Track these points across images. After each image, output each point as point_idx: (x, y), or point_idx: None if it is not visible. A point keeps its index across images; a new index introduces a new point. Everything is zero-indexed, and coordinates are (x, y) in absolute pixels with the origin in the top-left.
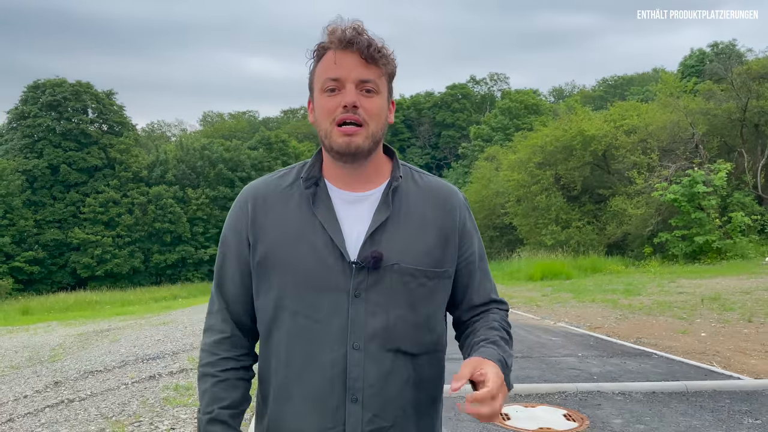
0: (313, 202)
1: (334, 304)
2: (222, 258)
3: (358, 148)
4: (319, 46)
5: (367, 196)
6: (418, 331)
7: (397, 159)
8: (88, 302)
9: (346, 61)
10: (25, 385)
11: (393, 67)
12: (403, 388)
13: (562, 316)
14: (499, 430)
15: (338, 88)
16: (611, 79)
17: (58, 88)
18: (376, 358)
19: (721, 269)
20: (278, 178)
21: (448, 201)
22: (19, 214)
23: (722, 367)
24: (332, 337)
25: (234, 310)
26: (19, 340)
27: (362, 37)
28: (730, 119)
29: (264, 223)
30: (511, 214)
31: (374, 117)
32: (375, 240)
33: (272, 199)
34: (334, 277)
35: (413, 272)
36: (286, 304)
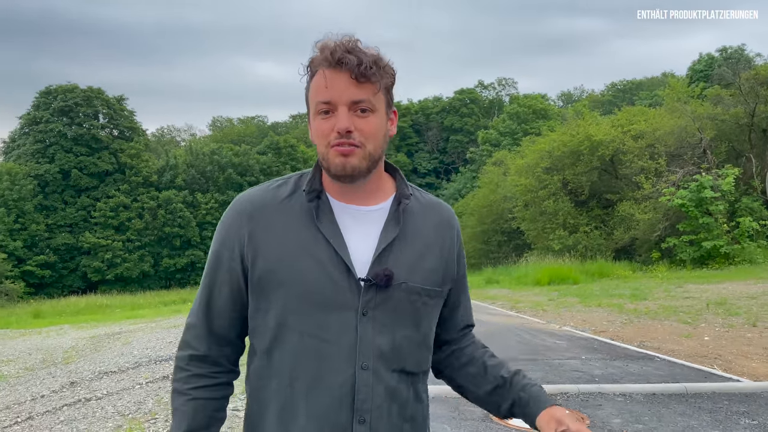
0: (316, 215)
1: (343, 323)
2: (212, 271)
3: (355, 170)
4: (310, 62)
5: (372, 210)
6: (420, 351)
7: (401, 176)
8: (98, 306)
9: (337, 83)
10: (41, 386)
11: (390, 78)
12: (405, 408)
13: (568, 320)
14: (501, 428)
15: (331, 110)
16: (620, 83)
17: (70, 93)
18: (383, 378)
19: (728, 274)
20: (275, 188)
21: (448, 221)
22: (30, 218)
23: (723, 370)
24: (341, 356)
25: (219, 326)
26: (32, 343)
27: (351, 56)
28: (738, 124)
29: (263, 237)
30: (519, 218)
31: (371, 137)
32: (383, 257)
33: (270, 211)
34: (341, 294)
35: (419, 291)
36: (290, 323)
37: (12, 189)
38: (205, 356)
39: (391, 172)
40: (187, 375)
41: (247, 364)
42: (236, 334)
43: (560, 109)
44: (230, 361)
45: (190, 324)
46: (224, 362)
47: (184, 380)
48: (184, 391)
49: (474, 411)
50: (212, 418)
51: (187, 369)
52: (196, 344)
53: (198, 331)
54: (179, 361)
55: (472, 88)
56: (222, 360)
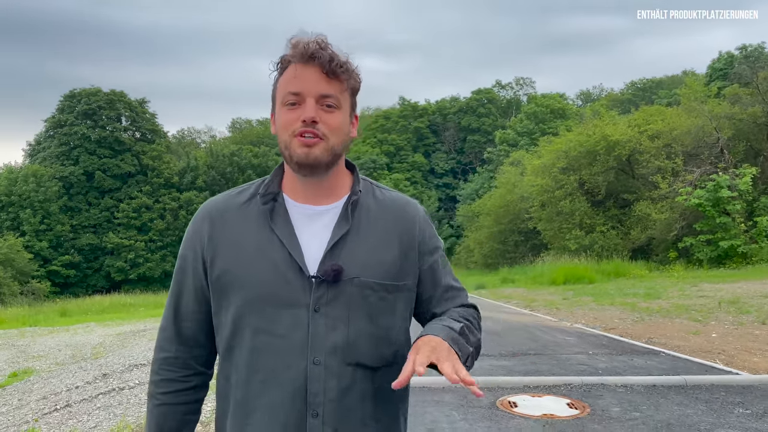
0: (271, 217)
1: (294, 320)
2: (179, 274)
3: (317, 160)
4: (282, 58)
5: (327, 210)
6: (378, 345)
7: (357, 173)
8: (122, 305)
9: (307, 76)
10: (75, 378)
11: (356, 81)
12: (363, 402)
13: (580, 318)
14: (505, 415)
15: (298, 102)
16: (639, 82)
17: (93, 97)
18: (336, 372)
19: (745, 274)
20: (236, 194)
21: (407, 214)
22: (56, 219)
23: (725, 364)
24: (293, 352)
25: (188, 328)
26: (61, 340)
27: (324, 52)
28: (756, 123)
29: (221, 240)
30: (536, 218)
31: (334, 131)
32: (335, 254)
33: (229, 216)
34: (293, 292)
35: (373, 286)
36: (246, 321)
37: (38, 191)
38: (175, 358)
39: (350, 170)
40: (158, 379)
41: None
42: (205, 335)
43: (578, 109)
44: (200, 363)
45: (161, 327)
46: (194, 364)
47: (156, 384)
48: (154, 394)
49: (481, 399)
50: (182, 421)
51: (158, 373)
52: (167, 346)
53: (167, 334)
54: (153, 364)
55: (489, 88)
56: (192, 362)
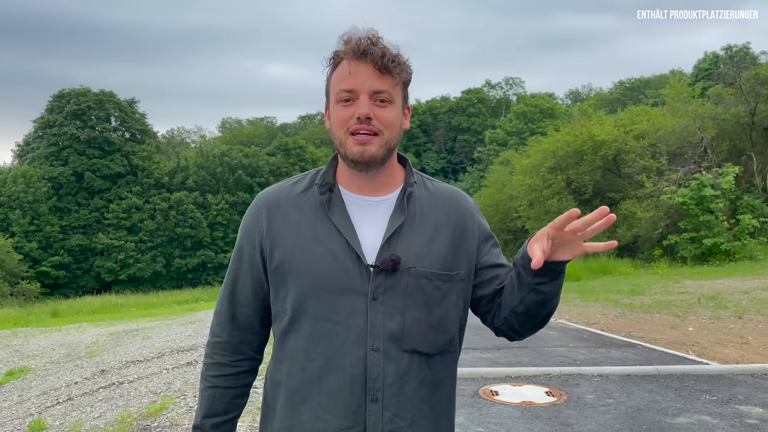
0: (328, 207)
1: (353, 307)
2: (236, 263)
3: (372, 157)
4: (334, 54)
5: (381, 201)
6: (433, 332)
7: (410, 166)
8: (113, 305)
9: (360, 72)
10: (72, 375)
11: (408, 74)
12: (419, 388)
13: (564, 313)
14: (487, 403)
15: (352, 98)
16: (628, 81)
17: (83, 97)
18: (394, 358)
19: (728, 271)
20: (292, 185)
21: (459, 206)
22: (45, 220)
23: (697, 355)
24: (352, 338)
25: (243, 313)
26: (54, 340)
27: (376, 48)
28: (739, 123)
29: (280, 229)
30: (524, 217)
31: (388, 126)
32: (392, 244)
33: (286, 206)
34: (352, 280)
35: (428, 275)
36: (305, 308)
37: (27, 191)
38: (226, 342)
39: (402, 163)
40: (210, 362)
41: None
42: (259, 321)
43: (567, 108)
44: (252, 348)
45: (216, 312)
46: (245, 349)
47: (208, 367)
48: (206, 377)
49: (464, 388)
50: (230, 405)
51: (210, 356)
52: (219, 331)
53: (222, 318)
54: (207, 347)
55: (479, 88)
56: (243, 347)
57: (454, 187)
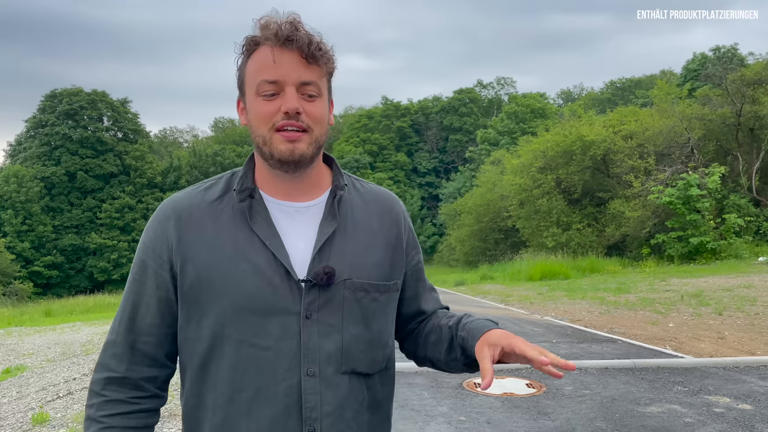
0: (249, 216)
1: (284, 329)
2: (136, 283)
3: (303, 155)
4: (249, 39)
5: (309, 206)
6: (372, 349)
7: (337, 166)
8: (107, 304)
9: (285, 61)
10: (70, 371)
11: (333, 64)
12: (360, 412)
13: (551, 311)
14: (470, 394)
15: (277, 91)
16: (619, 81)
17: (75, 97)
18: (332, 383)
19: (714, 269)
20: (204, 190)
21: (393, 210)
22: (38, 219)
23: (673, 350)
24: (284, 365)
25: (145, 342)
26: (49, 338)
27: (301, 33)
28: (726, 124)
29: (193, 243)
30: (514, 217)
31: (318, 122)
32: (323, 255)
33: (199, 215)
34: (281, 298)
35: (366, 287)
36: (226, 333)
37: (19, 191)
38: (123, 378)
39: (328, 164)
40: (102, 400)
41: (180, 384)
42: (164, 353)
43: (559, 108)
44: (155, 385)
45: (109, 342)
46: (147, 386)
47: (98, 406)
48: (97, 418)
49: (450, 381)
50: None
51: (102, 394)
52: (115, 365)
53: (118, 350)
54: (94, 384)
55: (471, 88)
56: (144, 383)
57: (383, 188)
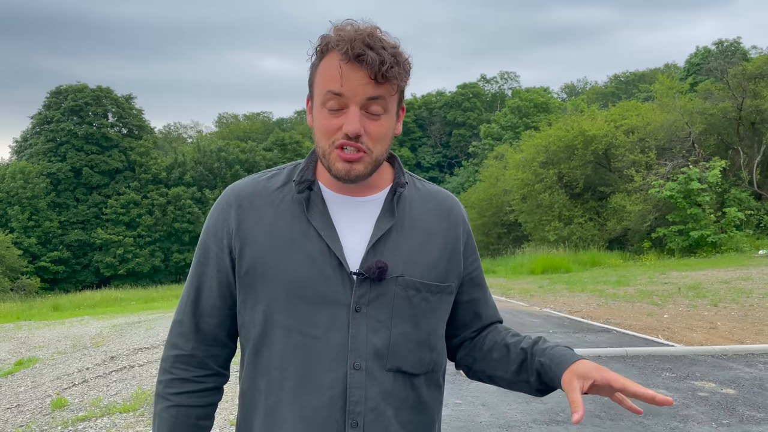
0: (307, 207)
1: (333, 319)
2: (200, 266)
3: (359, 176)
4: (324, 41)
5: (367, 201)
6: (419, 350)
7: (399, 164)
8: (113, 299)
9: (353, 79)
10: (82, 362)
11: (407, 77)
12: (402, 411)
13: (550, 303)
14: (465, 380)
15: (341, 107)
16: (623, 75)
17: (80, 93)
18: (377, 378)
19: (714, 262)
20: (267, 179)
21: (452, 212)
22: (44, 215)
23: (665, 339)
24: (331, 355)
25: (207, 323)
26: (59, 332)
27: (373, 54)
28: (726, 118)
29: (252, 228)
30: (517, 211)
31: (379, 141)
32: (378, 250)
33: (260, 202)
34: (332, 289)
35: (418, 286)
36: (277, 319)
37: (25, 187)
38: (190, 356)
39: (389, 161)
40: (170, 378)
41: (239, 366)
42: (226, 333)
43: (562, 102)
44: (218, 363)
45: (176, 321)
46: (212, 363)
47: (167, 383)
48: (165, 395)
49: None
50: (195, 427)
51: (170, 371)
52: (182, 343)
53: (185, 329)
54: (164, 362)
55: (474, 82)
56: (209, 361)
57: (444, 189)
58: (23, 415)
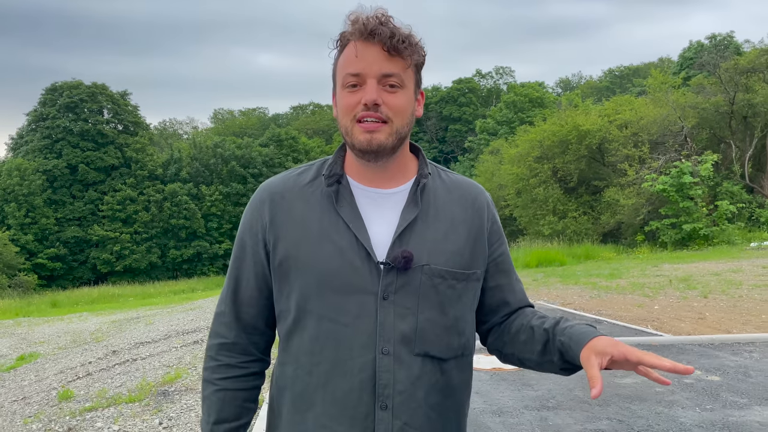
0: (336, 200)
1: (362, 307)
2: (238, 260)
3: (381, 146)
4: (341, 35)
5: (393, 193)
6: (447, 335)
7: (423, 156)
8: (111, 295)
9: (368, 54)
10: (84, 356)
11: (421, 56)
12: (431, 394)
13: (543, 295)
14: None
15: (359, 83)
16: (617, 69)
17: (75, 90)
18: (405, 362)
19: (705, 254)
20: (297, 175)
21: (477, 200)
22: (40, 212)
23: (654, 329)
24: (360, 341)
25: (247, 313)
26: (58, 328)
27: (385, 28)
28: (719, 112)
29: (284, 222)
30: (512, 205)
31: (399, 113)
32: (404, 239)
33: (291, 197)
34: (361, 278)
35: (443, 274)
36: (309, 307)
37: (22, 184)
38: (234, 344)
39: (414, 153)
40: (216, 365)
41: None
42: (264, 322)
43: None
44: (260, 350)
45: (218, 312)
46: (254, 350)
47: (213, 369)
48: (212, 380)
49: None
50: (242, 408)
51: (216, 358)
52: (225, 332)
53: (226, 319)
54: (209, 350)
55: (470, 78)
56: (251, 348)
57: (468, 178)
58: (30, 406)
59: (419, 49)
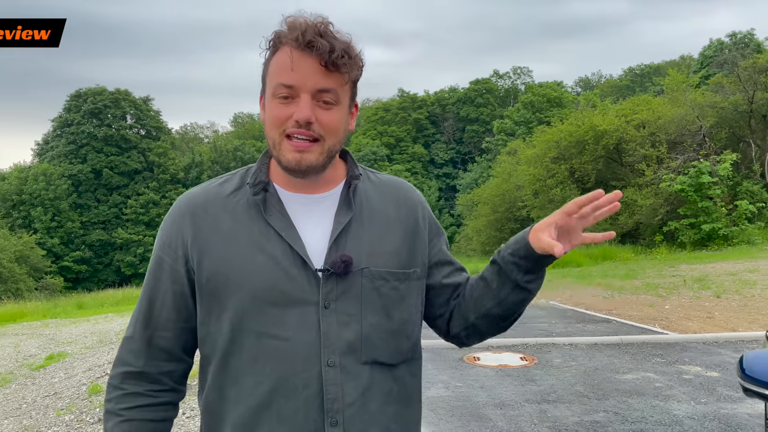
0: (264, 209)
1: (303, 319)
2: (153, 279)
3: (310, 167)
4: (275, 35)
5: (324, 197)
6: (395, 339)
7: (352, 158)
8: (135, 297)
9: (303, 67)
10: (110, 355)
11: (359, 71)
12: (384, 404)
13: (557, 296)
14: (468, 366)
15: (292, 96)
16: (638, 68)
17: (99, 96)
18: (352, 373)
19: (724, 255)
20: (218, 185)
21: (409, 198)
22: (66, 216)
23: (661, 328)
24: (303, 355)
25: (161, 337)
26: (85, 329)
27: (323, 41)
28: (737, 111)
29: (209, 237)
30: (529, 206)
31: (331, 131)
32: (340, 244)
33: (214, 210)
34: (299, 288)
35: (384, 275)
36: (246, 326)
37: (48, 189)
38: (141, 373)
39: (342, 156)
40: (120, 394)
41: (199, 379)
42: (181, 347)
43: (576, 97)
44: (173, 379)
45: (126, 338)
46: (165, 380)
47: (117, 399)
48: (117, 411)
49: (451, 355)
50: None
51: (121, 387)
52: (132, 360)
53: (135, 345)
54: (112, 379)
55: (487, 78)
56: (162, 378)
57: (397, 177)
58: (62, 401)
59: (358, 63)
